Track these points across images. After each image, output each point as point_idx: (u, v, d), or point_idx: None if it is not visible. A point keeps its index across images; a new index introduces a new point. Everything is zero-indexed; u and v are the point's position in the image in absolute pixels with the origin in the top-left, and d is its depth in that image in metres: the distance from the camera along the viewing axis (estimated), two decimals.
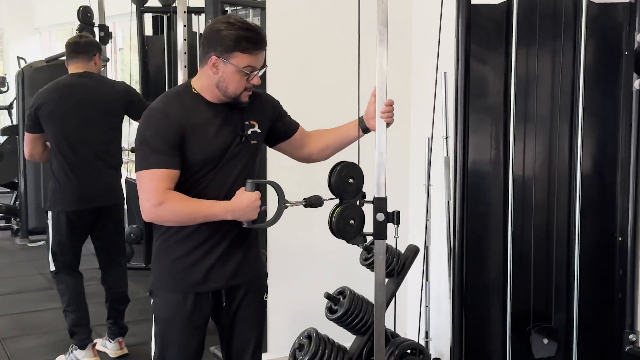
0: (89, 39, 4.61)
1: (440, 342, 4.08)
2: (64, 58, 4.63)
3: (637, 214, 2.94)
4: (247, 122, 2.82)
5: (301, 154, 3.09)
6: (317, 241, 4.04)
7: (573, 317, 2.97)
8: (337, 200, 2.94)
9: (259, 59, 2.68)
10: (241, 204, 2.64)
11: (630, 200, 2.94)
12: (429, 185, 3.80)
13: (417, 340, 3.67)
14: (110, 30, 5.98)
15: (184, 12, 4.75)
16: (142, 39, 6.38)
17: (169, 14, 6.39)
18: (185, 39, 4.78)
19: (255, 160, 2.90)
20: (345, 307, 3.56)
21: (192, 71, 5.69)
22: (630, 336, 2.97)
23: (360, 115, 3.01)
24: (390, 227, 2.94)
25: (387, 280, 3.85)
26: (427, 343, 4.11)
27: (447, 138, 3.73)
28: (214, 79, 2.70)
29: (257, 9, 5.32)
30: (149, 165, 2.65)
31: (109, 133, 4.51)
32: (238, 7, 5.27)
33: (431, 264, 4.05)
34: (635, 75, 2.88)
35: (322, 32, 4.26)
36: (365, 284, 3.67)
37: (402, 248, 3.71)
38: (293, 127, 3.03)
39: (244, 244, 2.87)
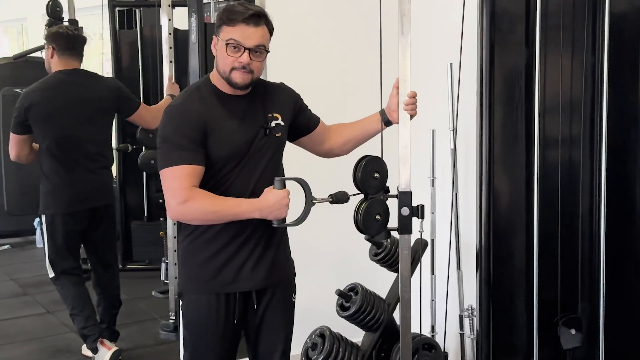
0: (81, 34, 4.44)
1: (446, 336, 4.03)
2: (37, 55, 4.42)
3: None
4: (270, 115, 2.73)
5: (322, 148, 3.01)
6: (321, 238, 3.97)
7: (599, 307, 2.92)
8: (360, 195, 2.87)
9: (243, 34, 2.55)
10: (269, 202, 2.56)
11: None
12: (433, 178, 3.77)
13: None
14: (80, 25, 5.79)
15: (169, 5, 4.66)
16: (115, 34, 6.21)
17: (141, 8, 6.21)
18: (170, 33, 4.69)
19: (281, 154, 2.82)
20: (358, 303, 3.49)
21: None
22: None
23: (382, 108, 2.94)
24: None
25: (396, 275, 3.82)
26: (433, 337, 4.06)
27: (454, 130, 3.68)
28: (216, 62, 2.64)
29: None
30: (172, 162, 2.57)
31: (102, 132, 4.36)
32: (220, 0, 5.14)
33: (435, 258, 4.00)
34: None
35: (327, 26, 4.16)
36: (372, 280, 3.63)
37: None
38: (314, 121, 2.96)
39: (274, 242, 2.80)
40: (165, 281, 6.09)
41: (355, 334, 3.58)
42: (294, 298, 2.94)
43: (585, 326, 2.99)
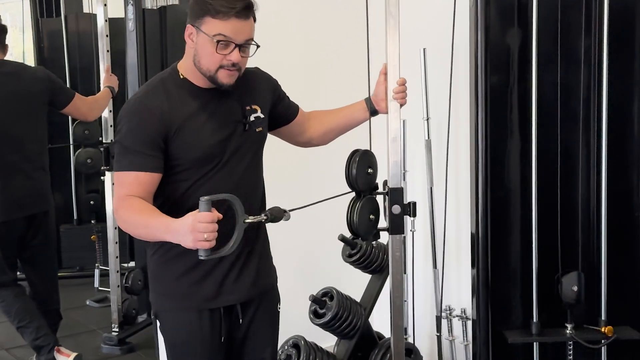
0: (1, 22, 4.00)
1: (418, 338, 3.82)
2: None
3: None
4: (248, 107, 2.42)
5: (301, 139, 2.73)
6: (287, 241, 3.68)
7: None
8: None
9: (235, 29, 2.23)
10: (182, 224, 2.08)
11: None
12: (404, 171, 3.54)
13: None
14: None
15: None
16: (37, 22, 5.75)
17: None
18: (106, 20, 4.33)
19: (262, 151, 2.52)
20: (334, 309, 3.24)
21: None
22: None
23: (368, 96, 2.69)
24: None
25: (371, 277, 3.59)
26: (406, 340, 3.85)
27: (427, 120, 3.45)
28: (191, 54, 2.30)
29: None
30: (120, 166, 2.29)
31: (37, 128, 3.95)
32: None
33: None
34: None
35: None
36: (340, 282, 3.39)
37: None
38: (293, 110, 2.67)
39: (258, 249, 2.50)
40: (100, 289, 5.74)
41: (325, 339, 3.32)
42: (279, 307, 2.66)
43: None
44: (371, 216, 2.71)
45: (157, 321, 2.48)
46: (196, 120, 2.31)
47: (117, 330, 4.52)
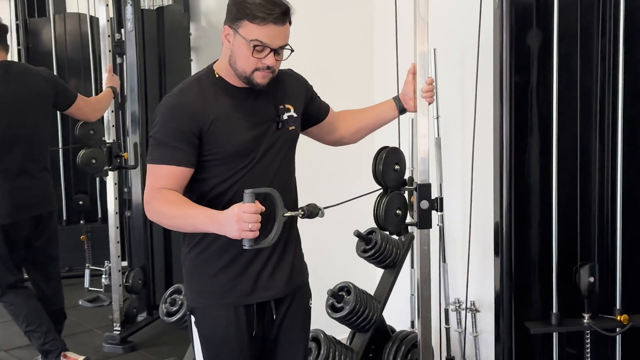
0: (1, 22, 3.99)
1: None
2: None
3: None
4: (281, 107, 2.48)
5: (332, 138, 2.80)
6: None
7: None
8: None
9: (272, 34, 2.29)
10: (226, 216, 2.17)
11: None
12: (412, 168, 3.63)
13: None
14: None
15: None
16: (25, 22, 5.71)
17: None
18: (108, 20, 4.35)
19: (294, 149, 2.58)
20: (352, 304, 3.32)
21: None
22: None
23: (396, 95, 2.79)
24: None
25: (384, 271, 3.67)
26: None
27: (437, 118, 3.56)
28: (227, 55, 2.36)
29: None
30: (152, 159, 2.35)
31: (42, 129, 3.95)
32: None
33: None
34: None
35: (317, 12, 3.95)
36: (352, 276, 3.46)
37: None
38: (325, 109, 2.74)
39: (292, 245, 2.56)
40: (90, 289, 5.73)
41: (335, 331, 3.39)
42: (311, 303, 2.72)
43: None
44: (398, 211, 2.79)
45: (192, 317, 2.52)
46: (231, 117, 2.37)
47: (119, 329, 4.52)
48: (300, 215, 2.33)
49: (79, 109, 4.06)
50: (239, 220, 2.11)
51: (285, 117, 2.47)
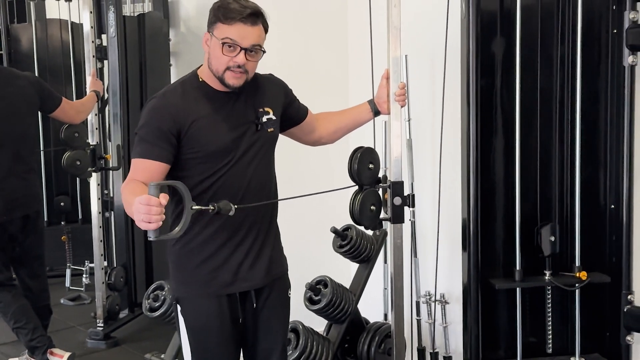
0: None
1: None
2: None
3: (631, 184, 3.14)
4: (260, 110, 2.65)
5: (311, 138, 2.97)
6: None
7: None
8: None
9: (241, 33, 2.45)
10: (133, 204, 2.21)
11: (624, 170, 3.13)
12: (386, 168, 3.82)
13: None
14: None
15: None
16: (7, 28, 5.81)
17: (36, 1, 5.86)
18: (92, 26, 4.47)
19: (273, 150, 2.75)
20: (329, 296, 3.49)
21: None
22: (629, 297, 3.18)
23: (371, 98, 2.97)
24: None
25: (359, 266, 3.85)
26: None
27: (409, 120, 3.75)
28: (206, 58, 2.54)
29: None
30: (135, 153, 2.50)
31: (29, 131, 4.08)
32: None
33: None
34: (627, 51, 3.06)
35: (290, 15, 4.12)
36: (331, 271, 3.63)
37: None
38: (303, 112, 2.91)
39: (270, 239, 2.73)
40: (71, 288, 5.85)
41: (313, 323, 3.56)
42: (290, 294, 2.89)
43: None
44: (372, 207, 2.98)
45: (178, 306, 2.66)
46: (212, 119, 2.52)
47: (102, 325, 4.65)
48: (210, 211, 2.37)
49: (64, 112, 4.19)
50: (135, 211, 2.15)
51: (264, 119, 2.63)
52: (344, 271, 4.07)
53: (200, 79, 2.58)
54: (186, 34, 5.10)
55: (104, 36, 4.72)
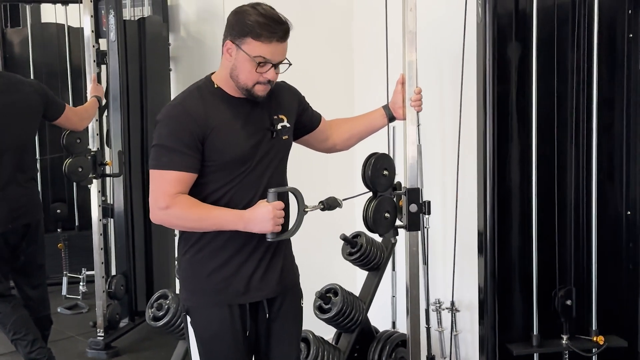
0: None
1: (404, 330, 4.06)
2: None
3: None
4: (275, 117, 2.61)
5: (325, 145, 2.93)
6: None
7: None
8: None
9: (274, 51, 2.44)
10: (255, 214, 2.44)
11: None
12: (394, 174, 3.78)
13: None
14: None
15: (91, 0, 4.37)
16: (1, 32, 5.73)
17: (32, 4, 5.76)
18: (93, 31, 4.41)
19: (287, 158, 2.70)
20: (340, 305, 3.44)
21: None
22: None
23: (385, 104, 2.93)
24: None
25: (368, 273, 3.80)
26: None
27: (419, 126, 3.70)
28: (228, 68, 2.48)
29: None
30: (161, 164, 2.44)
31: (31, 139, 4.01)
32: None
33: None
34: None
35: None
36: (337, 279, 3.58)
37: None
38: (317, 119, 2.87)
39: (282, 248, 2.68)
40: (68, 296, 5.76)
41: (320, 331, 3.51)
42: (302, 303, 2.84)
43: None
44: (386, 214, 2.92)
45: (188, 317, 2.61)
46: (230, 126, 2.48)
47: (102, 334, 4.58)
48: (321, 209, 2.57)
49: (67, 119, 4.13)
50: (274, 217, 2.40)
51: (279, 127, 2.59)
52: (350, 279, 4.03)
53: (216, 85, 2.53)
54: (186, 39, 5.03)
55: (101, 40, 4.64)
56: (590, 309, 3.18)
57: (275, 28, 2.41)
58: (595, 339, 3.17)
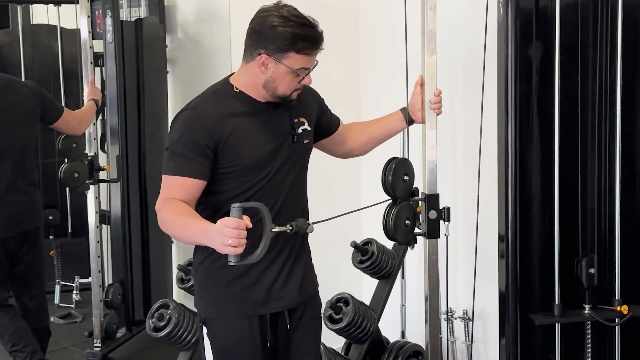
0: None
1: (415, 340, 3.94)
2: None
3: None
4: (296, 120, 2.50)
5: (342, 149, 2.82)
6: None
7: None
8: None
9: (314, 59, 2.38)
10: (213, 229, 2.13)
11: None
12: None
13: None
14: None
15: (87, 0, 4.23)
16: None
17: (22, 5, 5.60)
18: (89, 32, 4.27)
19: (307, 163, 2.59)
20: (351, 315, 3.32)
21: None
22: None
23: (404, 106, 2.83)
24: None
25: (378, 282, 3.68)
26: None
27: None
28: (261, 78, 2.37)
29: None
30: (168, 170, 2.36)
31: (28, 144, 3.86)
32: None
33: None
34: None
35: None
36: (345, 287, 3.46)
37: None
38: (335, 122, 2.76)
39: (304, 255, 2.59)
40: (61, 305, 5.60)
41: (329, 340, 3.39)
42: (322, 313, 2.73)
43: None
44: (407, 221, 2.82)
45: (204, 328, 2.51)
46: (249, 130, 2.38)
47: (99, 345, 4.43)
48: (289, 231, 2.31)
49: (65, 122, 4.00)
50: (219, 234, 2.09)
51: (300, 130, 2.50)
52: (357, 287, 3.91)
53: (237, 89, 2.42)
54: (183, 40, 4.90)
55: (95, 42, 4.50)
56: (613, 277, 3.10)
57: (317, 38, 2.34)
58: (618, 308, 3.08)
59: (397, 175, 2.76)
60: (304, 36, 2.29)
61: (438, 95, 2.76)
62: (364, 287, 4.03)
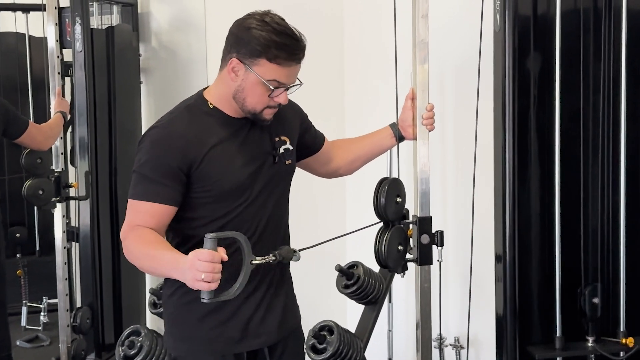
0: None
1: None
2: None
3: None
4: (277, 139, 2.29)
5: (327, 169, 2.63)
6: None
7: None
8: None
9: (290, 73, 2.14)
10: (185, 262, 1.93)
11: None
12: None
13: None
14: None
15: (55, 7, 4.01)
16: None
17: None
18: (57, 40, 4.04)
19: (290, 186, 2.38)
20: (336, 344, 3.08)
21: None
22: None
23: (393, 122, 2.63)
24: None
25: (365, 308, 3.47)
26: None
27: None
28: (232, 87, 2.16)
29: (127, 5, 4.60)
30: (134, 194, 2.15)
31: None
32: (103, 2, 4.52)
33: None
34: None
35: None
36: (327, 313, 3.26)
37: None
38: (320, 139, 2.56)
39: (285, 286, 2.39)
40: (28, 327, 5.33)
41: None
42: (305, 349, 2.52)
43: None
44: (399, 247, 2.62)
45: None
46: (225, 150, 2.17)
47: None
48: (272, 261, 2.12)
49: (31, 137, 3.75)
50: (191, 268, 1.89)
51: (281, 150, 2.29)
52: (341, 312, 3.70)
53: (211, 105, 2.20)
54: (158, 49, 4.68)
55: (65, 51, 4.27)
56: (617, 308, 2.92)
57: (294, 49, 2.10)
58: (624, 340, 2.90)
59: (390, 197, 2.54)
60: (280, 44, 2.07)
61: (430, 110, 2.55)
62: (347, 314, 3.82)
